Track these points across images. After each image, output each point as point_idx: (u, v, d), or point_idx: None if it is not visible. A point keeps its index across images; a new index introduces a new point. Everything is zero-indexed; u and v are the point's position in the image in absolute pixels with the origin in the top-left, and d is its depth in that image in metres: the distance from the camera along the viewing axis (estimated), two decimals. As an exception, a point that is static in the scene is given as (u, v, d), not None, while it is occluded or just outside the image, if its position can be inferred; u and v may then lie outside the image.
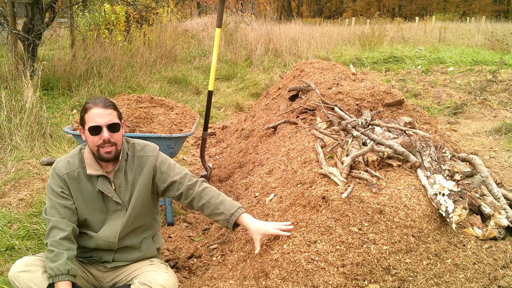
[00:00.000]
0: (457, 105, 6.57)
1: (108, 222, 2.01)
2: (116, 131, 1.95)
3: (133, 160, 2.06)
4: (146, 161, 2.07)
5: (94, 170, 1.97)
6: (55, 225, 1.90)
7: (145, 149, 2.10)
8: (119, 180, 2.01)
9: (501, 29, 15.39)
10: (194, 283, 2.35)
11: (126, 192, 2.03)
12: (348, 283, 1.97)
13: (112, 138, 1.93)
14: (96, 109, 1.92)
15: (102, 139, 1.91)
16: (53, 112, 5.54)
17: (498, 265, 2.10)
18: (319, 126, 3.38)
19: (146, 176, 2.05)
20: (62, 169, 1.98)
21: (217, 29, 3.62)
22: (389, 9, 41.06)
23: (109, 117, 1.93)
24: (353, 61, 10.58)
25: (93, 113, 1.91)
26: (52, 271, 1.81)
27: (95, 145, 1.92)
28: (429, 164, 2.47)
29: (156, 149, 2.13)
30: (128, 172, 2.03)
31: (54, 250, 1.85)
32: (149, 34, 9.98)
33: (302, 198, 2.46)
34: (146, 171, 2.05)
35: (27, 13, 6.20)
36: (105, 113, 1.92)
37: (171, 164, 2.13)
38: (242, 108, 7.14)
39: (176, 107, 3.63)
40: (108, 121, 1.92)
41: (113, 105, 1.99)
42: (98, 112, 1.92)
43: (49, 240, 1.88)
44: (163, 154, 2.14)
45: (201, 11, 20.87)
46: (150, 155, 2.08)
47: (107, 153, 1.93)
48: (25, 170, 4.04)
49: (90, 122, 1.91)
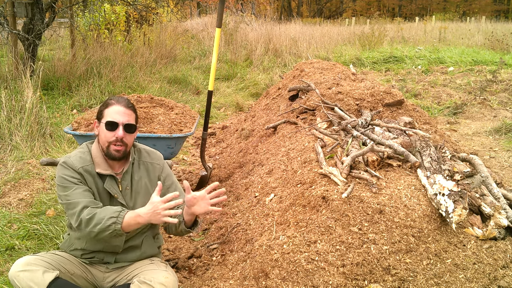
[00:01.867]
0: (457, 105, 6.57)
1: None
2: (131, 132, 1.99)
3: (139, 165, 2.09)
4: (154, 169, 2.12)
5: (103, 169, 1.98)
6: (86, 205, 1.86)
7: (152, 156, 2.15)
8: (126, 182, 2.04)
9: (501, 29, 15.39)
10: (194, 283, 2.35)
11: (131, 195, 2.05)
12: (348, 283, 1.97)
13: (125, 138, 1.95)
14: (118, 106, 1.96)
15: (115, 136, 1.93)
16: (53, 112, 5.54)
17: (498, 265, 2.10)
18: (319, 126, 3.38)
19: (152, 183, 2.09)
20: (77, 163, 1.96)
21: (217, 29, 3.62)
22: (389, 9, 41.06)
23: (128, 117, 1.97)
24: (353, 61, 10.58)
25: (114, 110, 1.95)
26: (111, 219, 1.79)
27: (107, 141, 1.95)
28: (429, 164, 2.47)
29: (161, 157, 2.19)
30: (134, 176, 2.06)
31: (96, 211, 1.82)
32: (149, 34, 9.98)
33: (302, 198, 2.46)
34: (153, 178, 2.10)
35: (27, 13, 6.20)
36: (125, 113, 1.97)
37: (174, 182, 2.17)
38: (242, 108, 7.14)
39: (176, 107, 3.63)
40: (126, 121, 1.96)
41: (133, 107, 2.03)
42: (119, 109, 1.96)
43: (84, 214, 1.82)
44: (167, 166, 2.20)
45: (201, 11, 20.87)
46: (156, 163, 2.14)
47: (116, 151, 1.95)
48: (25, 170, 4.04)
49: (108, 117, 1.94)
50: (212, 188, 1.90)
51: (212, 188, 1.90)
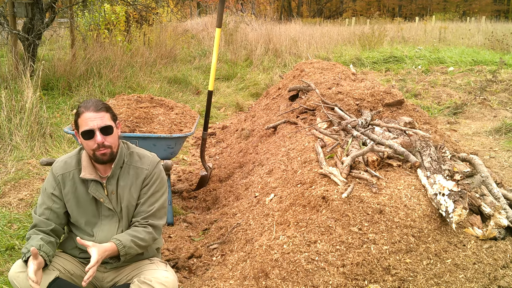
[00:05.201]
0: (457, 105, 6.57)
1: (101, 227, 2.01)
2: (109, 134, 1.92)
3: (128, 169, 2.02)
4: (141, 173, 2.03)
5: (88, 174, 1.96)
6: (36, 223, 1.94)
7: (142, 161, 2.05)
8: (112, 187, 2.00)
9: (501, 29, 15.38)
10: (194, 283, 2.35)
11: (117, 200, 2.01)
12: (348, 283, 1.97)
13: (106, 141, 1.90)
14: (88, 113, 1.89)
15: (96, 143, 1.89)
16: (53, 112, 5.53)
17: (498, 265, 2.10)
18: (319, 126, 3.38)
19: (135, 188, 2.02)
20: (58, 170, 1.99)
21: (217, 29, 3.62)
22: (389, 9, 41.05)
23: (101, 120, 1.90)
24: (353, 61, 10.58)
25: (85, 117, 1.89)
26: (25, 250, 1.82)
27: (91, 149, 1.92)
28: (429, 164, 2.47)
29: (153, 163, 2.07)
30: (120, 180, 2.01)
31: (30, 236, 1.89)
32: (149, 34, 9.98)
33: (302, 198, 2.46)
34: (138, 183, 2.02)
35: (27, 13, 6.20)
36: (97, 116, 1.89)
37: (159, 190, 2.06)
38: (242, 108, 7.15)
39: (176, 107, 3.63)
40: (101, 124, 1.89)
41: (105, 107, 1.95)
42: (90, 116, 1.89)
43: (29, 231, 1.92)
44: (158, 171, 2.07)
45: (201, 11, 20.87)
46: (145, 168, 2.04)
47: (102, 155, 1.92)
48: (25, 170, 4.04)
49: (83, 126, 1.89)
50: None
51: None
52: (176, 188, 3.89)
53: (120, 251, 1.87)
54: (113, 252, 1.86)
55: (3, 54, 7.46)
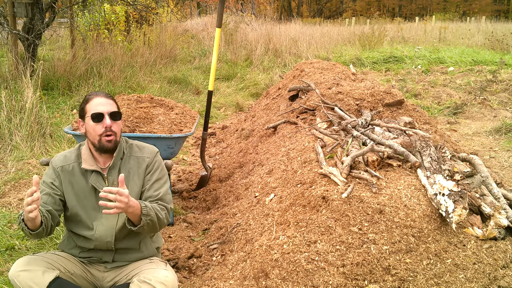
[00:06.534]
0: (457, 105, 6.57)
1: (101, 221, 2.00)
2: (117, 120, 2.00)
3: (129, 159, 2.07)
4: (143, 162, 2.07)
5: (89, 165, 1.99)
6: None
7: (142, 151, 2.11)
8: (113, 177, 2.02)
9: (501, 29, 15.38)
10: (194, 283, 2.35)
11: None
12: (348, 283, 1.97)
13: (113, 126, 1.96)
14: (98, 98, 1.99)
15: (104, 126, 1.94)
16: (53, 112, 5.53)
17: (498, 265, 2.10)
18: (319, 126, 3.38)
19: (138, 176, 2.05)
20: (58, 162, 2.03)
21: (217, 29, 3.62)
22: (389, 9, 41.06)
23: (111, 106, 1.99)
24: (353, 61, 10.58)
25: (95, 102, 1.97)
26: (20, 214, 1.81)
27: (97, 134, 1.95)
28: (429, 164, 2.47)
29: (153, 152, 2.13)
30: (122, 170, 2.04)
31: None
32: (149, 34, 9.98)
33: (302, 198, 2.46)
34: (141, 172, 2.06)
35: (27, 13, 6.20)
36: (107, 102, 1.99)
37: (159, 180, 2.07)
38: (242, 108, 7.15)
39: (176, 107, 3.63)
40: (110, 109, 1.97)
41: (113, 98, 2.05)
42: (100, 101, 1.98)
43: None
44: (159, 160, 2.12)
45: (201, 11, 20.87)
46: (146, 156, 2.09)
47: (108, 142, 1.96)
48: (25, 170, 4.04)
49: (92, 110, 1.96)
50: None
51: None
52: (176, 188, 3.89)
53: (142, 209, 1.85)
54: (136, 207, 1.83)
55: (3, 54, 7.46)
